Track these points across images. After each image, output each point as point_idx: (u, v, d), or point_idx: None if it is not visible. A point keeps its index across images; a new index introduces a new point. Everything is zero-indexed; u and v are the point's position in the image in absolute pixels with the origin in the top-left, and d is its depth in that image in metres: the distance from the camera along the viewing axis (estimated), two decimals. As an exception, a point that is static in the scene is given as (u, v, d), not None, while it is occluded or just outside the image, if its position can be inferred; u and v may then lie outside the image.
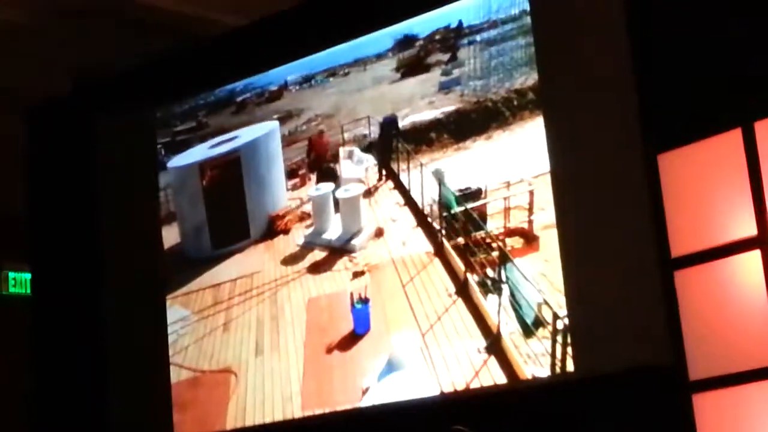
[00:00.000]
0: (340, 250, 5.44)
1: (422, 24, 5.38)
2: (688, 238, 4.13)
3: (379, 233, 5.33)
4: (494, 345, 4.79)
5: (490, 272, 4.91)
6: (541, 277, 4.72)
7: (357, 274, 5.32)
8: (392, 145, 5.40)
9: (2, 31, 5.79)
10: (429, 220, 5.17)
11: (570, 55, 4.67)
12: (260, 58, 5.78)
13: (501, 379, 4.74)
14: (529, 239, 4.82)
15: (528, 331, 4.72)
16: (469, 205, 5.02)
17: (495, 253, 4.91)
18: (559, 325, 4.60)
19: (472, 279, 4.94)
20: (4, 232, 6.53)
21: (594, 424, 4.08)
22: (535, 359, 4.66)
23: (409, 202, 5.30)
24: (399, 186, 5.37)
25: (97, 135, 6.25)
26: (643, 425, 4.10)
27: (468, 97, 5.17)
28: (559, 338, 4.59)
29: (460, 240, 5.04)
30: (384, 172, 5.44)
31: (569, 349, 4.54)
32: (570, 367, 4.55)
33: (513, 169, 4.92)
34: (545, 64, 4.82)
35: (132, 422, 5.80)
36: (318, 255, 5.52)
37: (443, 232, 5.10)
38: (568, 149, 4.66)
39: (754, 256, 3.97)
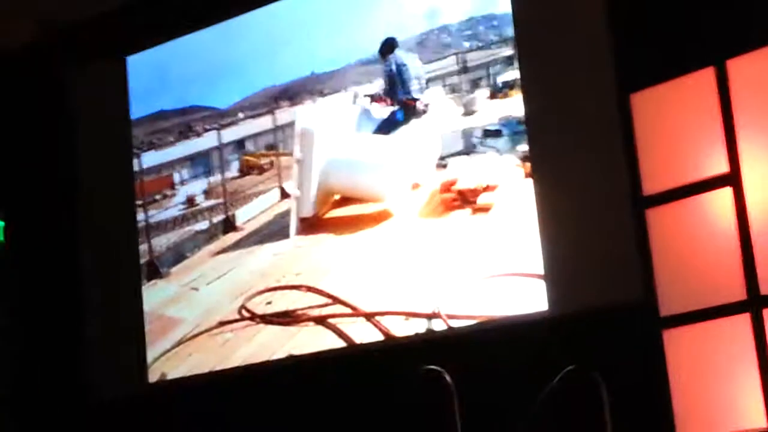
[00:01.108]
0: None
1: None
2: (661, 176, 4.17)
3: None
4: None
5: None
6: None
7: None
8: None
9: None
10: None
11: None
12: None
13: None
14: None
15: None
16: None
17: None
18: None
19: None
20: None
21: (566, 360, 4.09)
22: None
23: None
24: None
25: (66, 84, 6.18)
26: (616, 361, 4.13)
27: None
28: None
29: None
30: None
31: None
32: (543, 305, 4.58)
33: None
34: (518, 6, 4.82)
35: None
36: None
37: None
38: (542, 90, 4.67)
39: (726, 193, 4.02)
